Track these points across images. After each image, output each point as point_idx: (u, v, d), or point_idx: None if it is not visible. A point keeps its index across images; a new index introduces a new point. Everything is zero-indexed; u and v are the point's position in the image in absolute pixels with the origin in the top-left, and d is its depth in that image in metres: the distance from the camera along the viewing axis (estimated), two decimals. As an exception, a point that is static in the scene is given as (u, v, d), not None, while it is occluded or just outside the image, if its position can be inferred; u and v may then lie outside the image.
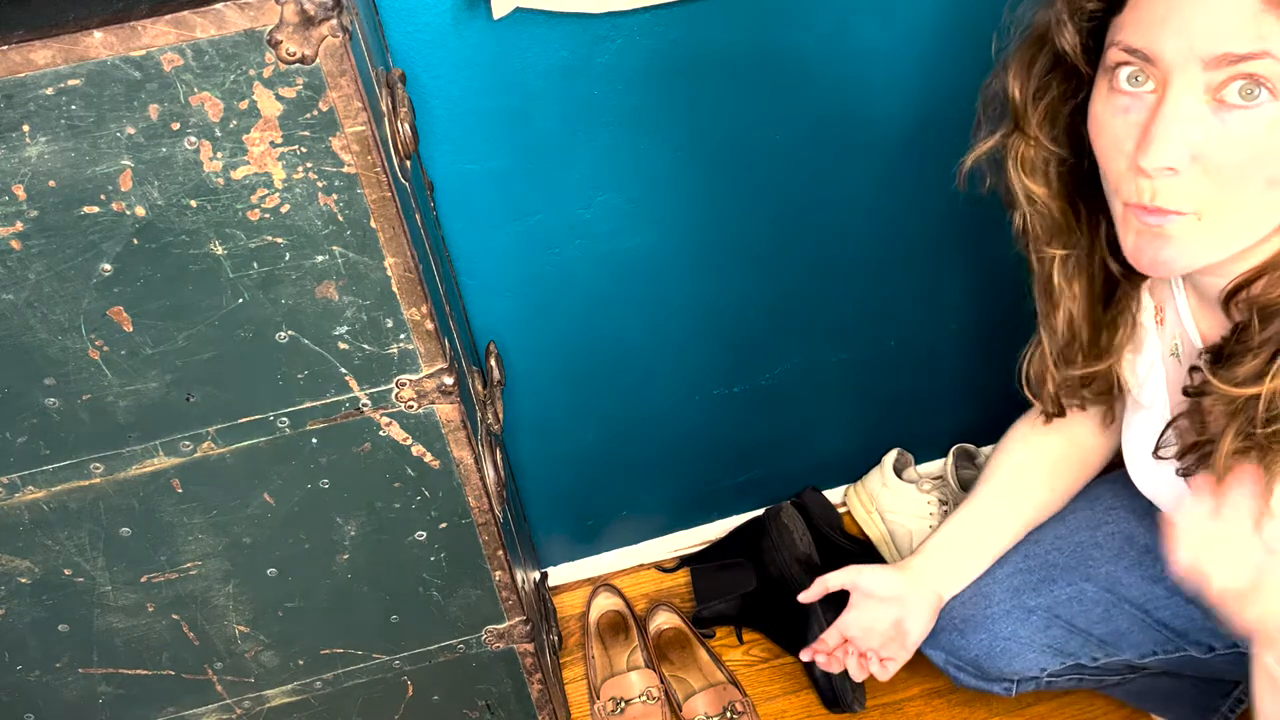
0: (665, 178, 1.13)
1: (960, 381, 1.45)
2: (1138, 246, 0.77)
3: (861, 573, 1.10)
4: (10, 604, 0.87)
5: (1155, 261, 0.77)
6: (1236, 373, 0.78)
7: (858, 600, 1.11)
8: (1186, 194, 0.72)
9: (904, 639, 1.09)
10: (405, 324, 0.77)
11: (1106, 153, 0.76)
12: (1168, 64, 0.70)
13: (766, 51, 1.06)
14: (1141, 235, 0.76)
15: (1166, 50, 0.69)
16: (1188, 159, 0.71)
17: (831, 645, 1.14)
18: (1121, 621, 1.07)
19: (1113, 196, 0.78)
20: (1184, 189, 0.72)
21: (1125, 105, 0.73)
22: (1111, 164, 0.76)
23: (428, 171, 1.04)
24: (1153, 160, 0.71)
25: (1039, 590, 1.07)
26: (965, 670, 1.11)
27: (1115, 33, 0.74)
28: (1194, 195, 0.72)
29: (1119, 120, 0.74)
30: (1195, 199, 0.72)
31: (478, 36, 0.98)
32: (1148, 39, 0.70)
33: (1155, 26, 0.70)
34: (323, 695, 1.01)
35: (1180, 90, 0.70)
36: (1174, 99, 0.70)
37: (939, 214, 1.24)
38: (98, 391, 0.76)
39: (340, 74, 0.65)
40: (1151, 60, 0.71)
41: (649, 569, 1.52)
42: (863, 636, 1.11)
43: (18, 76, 0.62)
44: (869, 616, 1.11)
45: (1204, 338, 0.87)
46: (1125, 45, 0.72)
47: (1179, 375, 0.91)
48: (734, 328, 1.29)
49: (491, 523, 0.91)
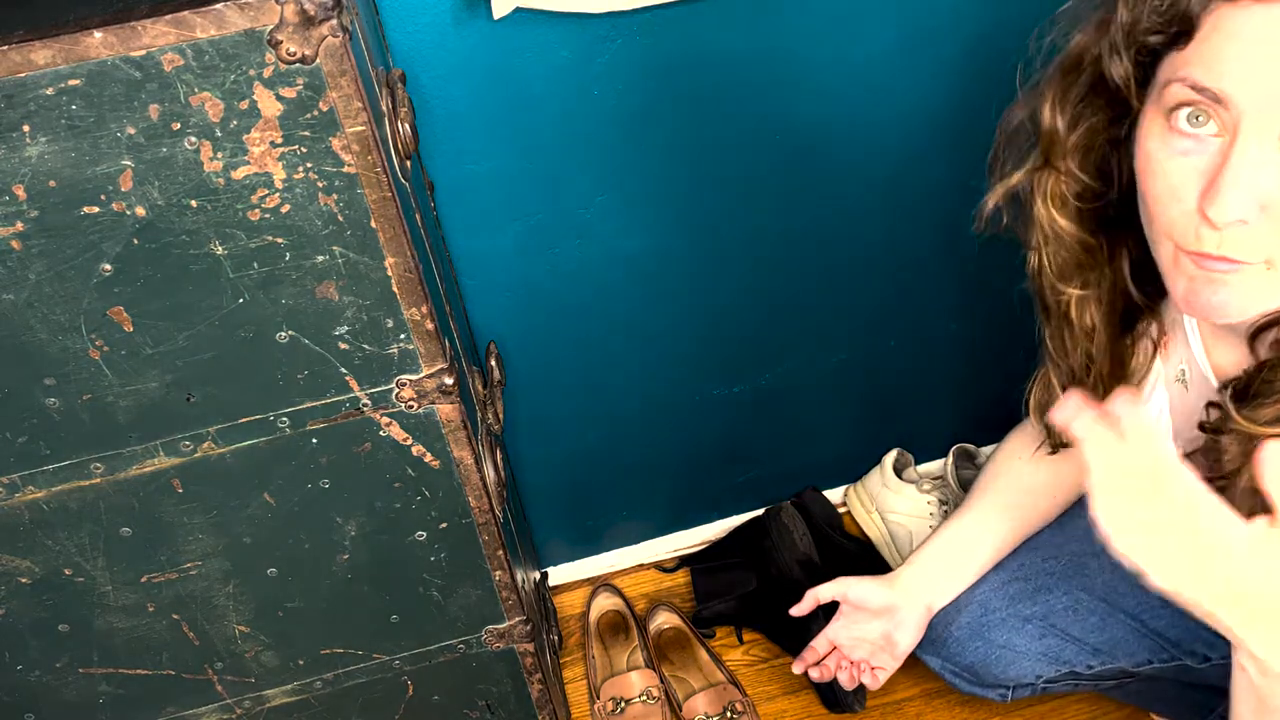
0: (665, 178, 1.13)
1: (960, 381, 1.45)
2: (1192, 291, 0.73)
3: (851, 585, 1.10)
4: (10, 604, 0.87)
5: (1211, 307, 0.72)
6: (1261, 413, 0.74)
7: (847, 611, 1.12)
8: (1255, 244, 0.68)
9: (893, 649, 1.10)
10: (405, 324, 0.77)
11: (1160, 197, 0.72)
12: (1240, 108, 0.65)
13: (766, 51, 1.06)
14: (1196, 281, 0.72)
15: (1241, 94, 0.65)
16: (1258, 209, 0.67)
17: (821, 653, 1.14)
18: (1117, 631, 1.07)
19: (1161, 238, 0.74)
20: (1252, 239, 0.68)
21: (1186, 148, 0.69)
22: (1165, 208, 0.72)
23: (428, 171, 1.04)
24: (1223, 214, 0.66)
25: (1035, 599, 1.07)
26: (961, 676, 1.11)
27: (1177, 68, 0.69)
28: (1263, 245, 0.68)
29: (1177, 163, 0.70)
30: (1264, 249, 0.68)
31: (478, 36, 0.98)
32: (1220, 79, 0.66)
33: (1228, 65, 0.65)
34: (323, 695, 1.01)
35: (1252, 136, 0.65)
36: (1245, 146, 0.66)
37: (939, 213, 1.24)
38: (98, 391, 0.76)
39: (340, 74, 0.65)
40: (1221, 102, 0.66)
41: (649, 569, 1.52)
42: (852, 646, 1.12)
43: (18, 76, 0.62)
44: (858, 628, 1.11)
45: (1216, 368, 0.85)
46: (1193, 83, 0.67)
47: (1184, 402, 0.89)
48: (734, 328, 1.29)
49: (491, 523, 0.91)
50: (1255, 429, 0.75)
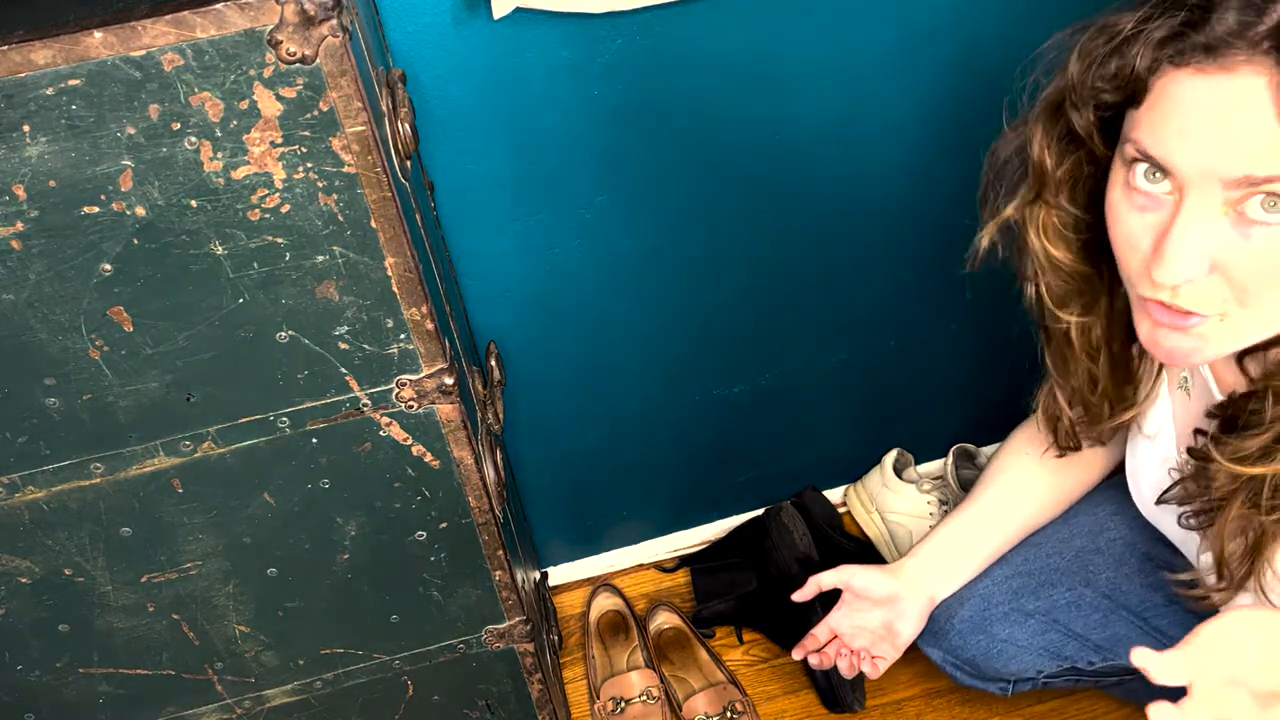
0: (665, 178, 1.13)
1: (960, 381, 1.45)
2: (1153, 337, 0.75)
3: (855, 573, 1.10)
4: (10, 604, 0.87)
5: (1170, 353, 0.74)
6: (1245, 445, 0.76)
7: (849, 600, 1.11)
8: (1208, 298, 0.70)
9: (894, 639, 1.10)
10: (405, 324, 0.77)
11: (1121, 246, 0.74)
12: (1184, 176, 0.67)
13: (766, 52, 1.06)
14: (1158, 328, 0.74)
15: (1183, 166, 0.66)
16: (1205, 269, 0.68)
17: (821, 641, 1.14)
18: (1119, 628, 1.07)
19: (1128, 282, 0.76)
20: (1205, 294, 0.70)
21: (1142, 204, 0.71)
22: (1127, 258, 0.74)
23: (428, 171, 1.04)
24: (1167, 276, 0.68)
25: (1038, 594, 1.07)
26: (962, 669, 1.11)
27: (1132, 128, 0.70)
28: (1215, 299, 0.70)
29: (1134, 217, 0.71)
30: (1217, 303, 0.70)
31: (478, 36, 0.98)
32: (1164, 150, 0.67)
33: (1171, 138, 0.67)
34: (323, 695, 1.01)
35: (1197, 205, 0.67)
36: (1189, 214, 0.67)
37: (939, 213, 1.24)
38: (98, 391, 0.76)
39: (340, 74, 0.65)
40: (1167, 170, 0.68)
41: (649, 569, 1.52)
42: (853, 635, 1.12)
43: (18, 76, 0.62)
44: (860, 616, 1.11)
45: (1217, 376, 0.86)
46: (1141, 149, 0.69)
47: (1186, 410, 0.90)
48: (734, 328, 1.29)
49: (491, 523, 0.91)
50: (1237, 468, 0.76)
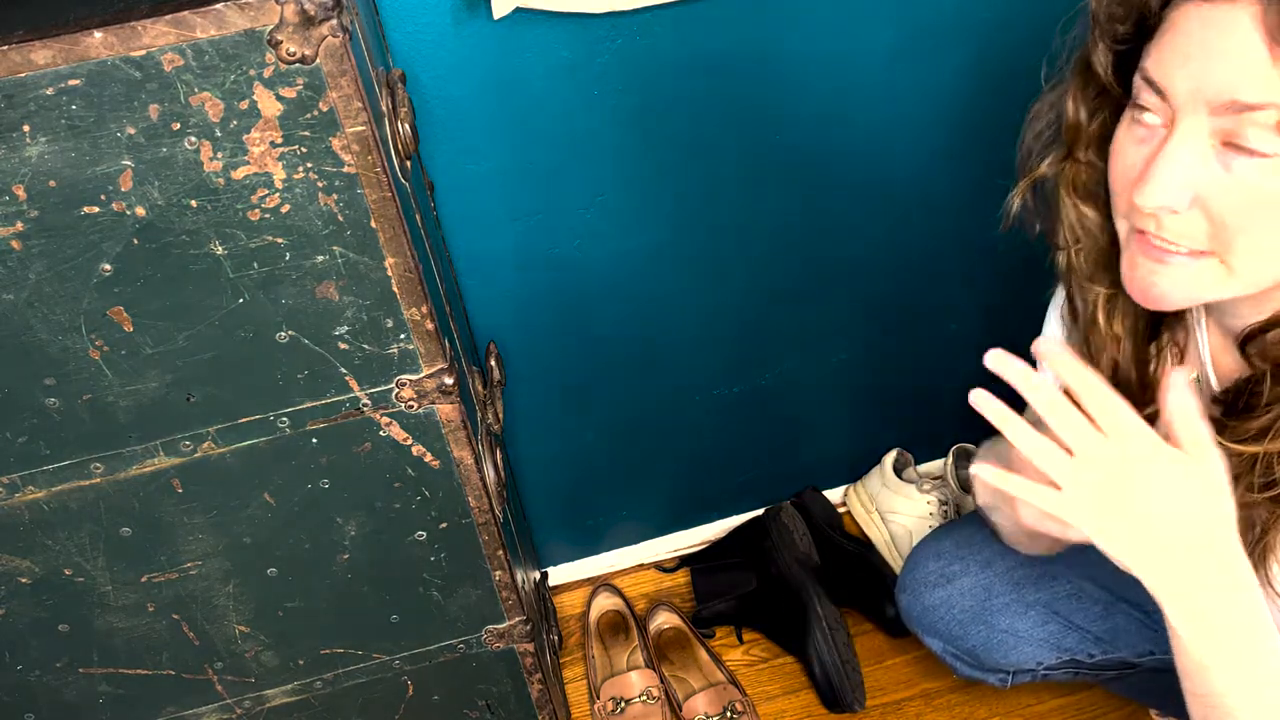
0: (665, 178, 1.13)
1: (960, 381, 1.44)
2: (1131, 273, 0.76)
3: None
4: (10, 604, 0.87)
5: (1147, 290, 0.76)
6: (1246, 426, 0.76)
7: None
8: (1189, 232, 0.71)
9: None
10: (405, 324, 0.77)
11: (1116, 178, 0.76)
12: (1177, 102, 0.69)
13: (766, 51, 1.06)
14: (1138, 266, 0.75)
15: (1177, 88, 0.68)
16: (1187, 200, 0.70)
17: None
18: (1120, 620, 1.07)
19: (1118, 218, 0.78)
20: (1186, 227, 0.71)
21: (1141, 136, 0.73)
22: (1121, 193, 0.75)
23: (428, 171, 1.04)
24: (1148, 199, 0.70)
25: (1039, 585, 1.07)
26: (962, 659, 1.11)
27: (1143, 60, 0.73)
28: (1196, 234, 0.71)
29: (1132, 149, 0.73)
30: (1197, 238, 0.71)
31: (478, 36, 0.98)
32: (1164, 73, 0.69)
33: (1172, 62, 0.69)
34: (323, 695, 1.01)
35: (1186, 131, 0.69)
36: (1178, 140, 0.69)
37: (939, 213, 1.24)
38: (98, 391, 0.76)
39: (340, 74, 0.65)
40: (1163, 94, 0.70)
41: (649, 569, 1.52)
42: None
43: (18, 76, 0.62)
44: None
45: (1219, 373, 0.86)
46: (1145, 74, 0.71)
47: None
48: (734, 328, 1.29)
49: (491, 523, 0.91)
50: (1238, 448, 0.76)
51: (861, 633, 1.39)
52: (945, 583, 1.11)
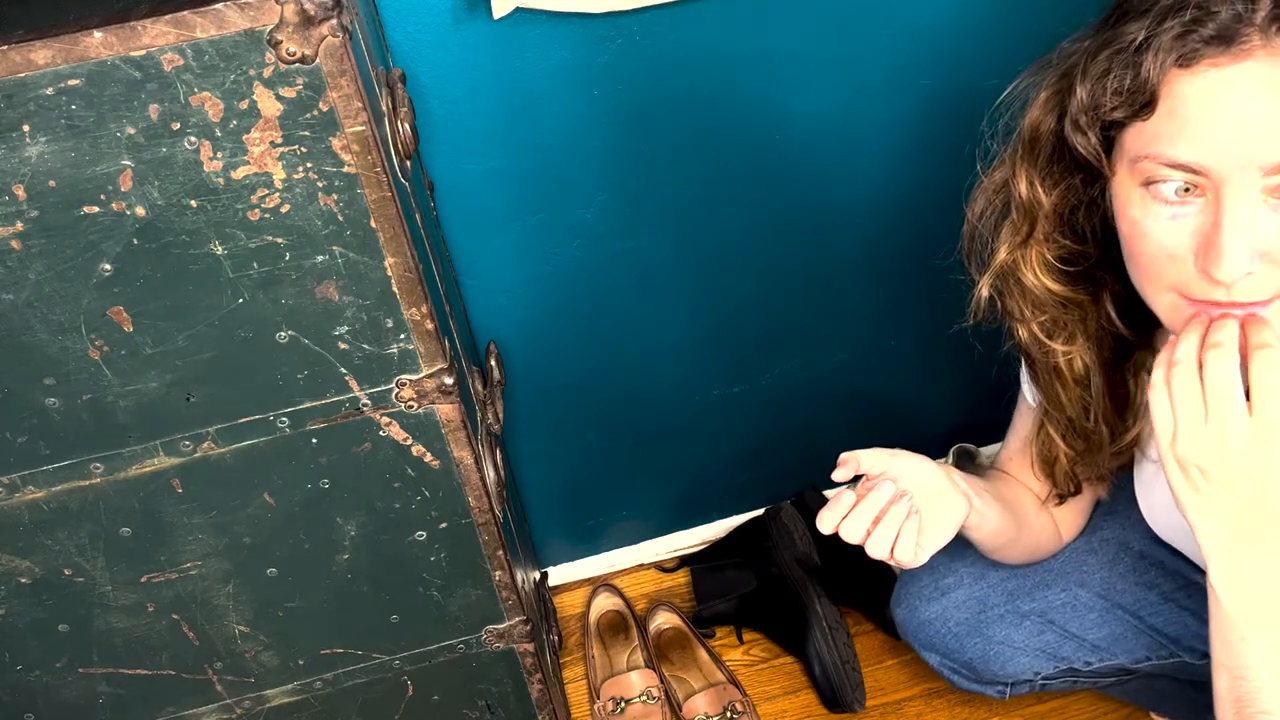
0: (665, 178, 1.13)
1: (960, 381, 1.45)
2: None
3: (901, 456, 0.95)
4: (10, 604, 0.87)
5: None
6: None
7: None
8: (1262, 287, 0.71)
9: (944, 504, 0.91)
10: (405, 324, 0.77)
11: (1155, 261, 0.74)
12: (1220, 174, 0.68)
13: (766, 52, 1.06)
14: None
15: (1219, 163, 0.67)
16: (1257, 259, 0.69)
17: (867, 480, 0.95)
18: (1115, 627, 1.07)
19: (1159, 292, 0.76)
20: (1258, 283, 0.71)
21: (1173, 214, 0.71)
22: (1162, 269, 0.74)
23: (428, 171, 1.04)
24: (1229, 272, 0.69)
25: (1033, 595, 1.07)
26: (960, 673, 1.11)
27: (1146, 143, 0.71)
28: (1268, 287, 0.71)
29: (1165, 227, 0.72)
30: (1271, 290, 0.71)
31: (478, 36, 0.98)
32: (1194, 153, 0.68)
33: (1201, 138, 0.68)
34: (323, 695, 1.01)
35: (1237, 196, 0.68)
36: (1234, 208, 0.68)
37: (939, 213, 1.24)
38: (98, 391, 0.76)
39: (340, 74, 0.65)
40: (1200, 173, 0.69)
41: (649, 569, 1.52)
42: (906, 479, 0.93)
43: (18, 76, 0.62)
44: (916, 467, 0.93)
45: None
46: (1168, 160, 0.69)
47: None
48: (734, 328, 1.29)
49: (491, 523, 0.91)
50: None
51: (861, 633, 1.39)
52: (940, 596, 1.11)
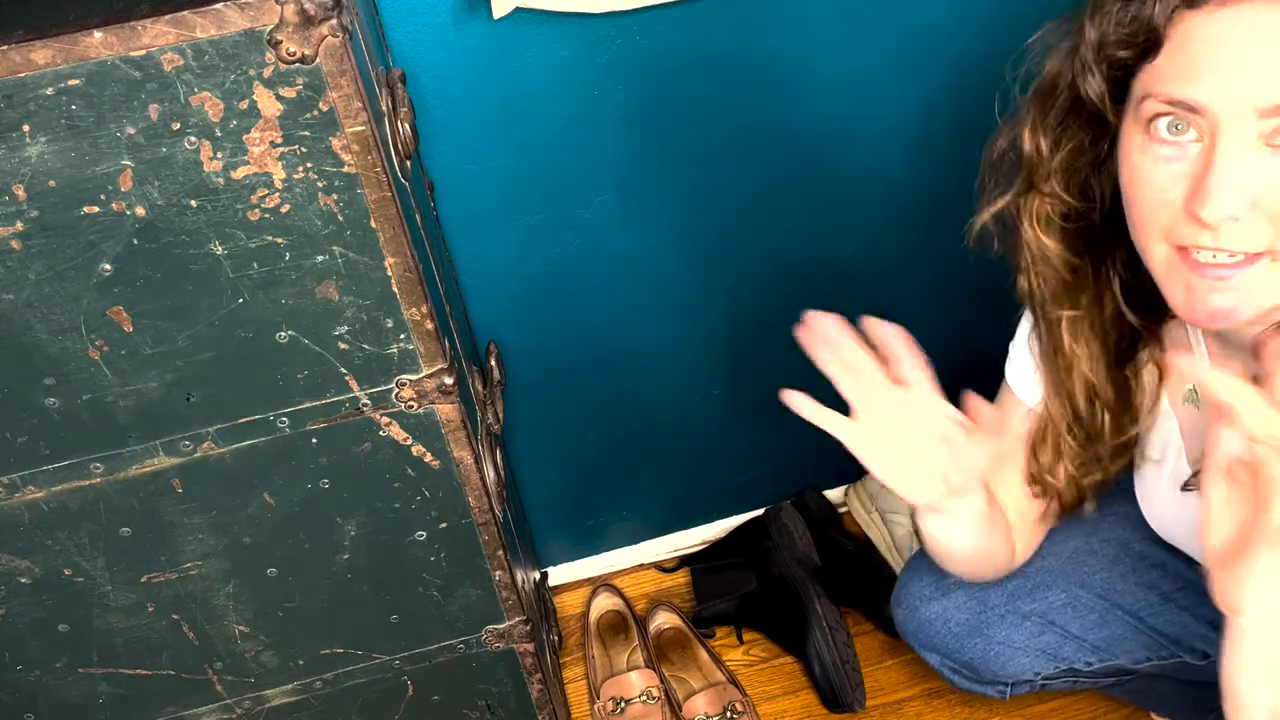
0: (665, 178, 1.13)
1: (960, 382, 1.45)
2: (1192, 298, 0.73)
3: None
4: (10, 604, 0.87)
5: (1214, 314, 0.73)
6: None
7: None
8: (1250, 236, 0.70)
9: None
10: (405, 324, 0.77)
11: (1149, 204, 0.73)
12: (1218, 115, 0.67)
13: (766, 52, 1.06)
14: (1197, 288, 0.73)
15: (1217, 102, 0.67)
16: (1247, 205, 0.68)
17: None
18: (1115, 628, 1.07)
19: (1153, 243, 0.75)
20: (1247, 231, 0.70)
21: (1168, 155, 0.71)
22: (1154, 212, 0.73)
23: (428, 171, 1.04)
24: (1214, 213, 0.68)
25: (1033, 595, 1.07)
26: (960, 673, 1.11)
27: (1150, 82, 0.71)
28: (1259, 236, 0.70)
29: (1160, 170, 0.71)
30: (1261, 239, 0.70)
31: (478, 36, 0.98)
32: (1194, 90, 0.68)
33: (1201, 76, 0.67)
34: (323, 695, 1.01)
35: (1232, 139, 0.67)
36: (1227, 149, 0.67)
37: (939, 213, 1.24)
38: (98, 391, 0.76)
39: (340, 74, 0.65)
40: (1197, 110, 0.68)
41: (649, 569, 1.52)
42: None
43: (18, 76, 0.62)
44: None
45: None
46: (1167, 97, 0.69)
47: (1194, 423, 0.89)
48: (734, 327, 1.29)
49: (491, 523, 0.91)
50: None
51: (861, 633, 1.39)
52: (940, 596, 1.10)
